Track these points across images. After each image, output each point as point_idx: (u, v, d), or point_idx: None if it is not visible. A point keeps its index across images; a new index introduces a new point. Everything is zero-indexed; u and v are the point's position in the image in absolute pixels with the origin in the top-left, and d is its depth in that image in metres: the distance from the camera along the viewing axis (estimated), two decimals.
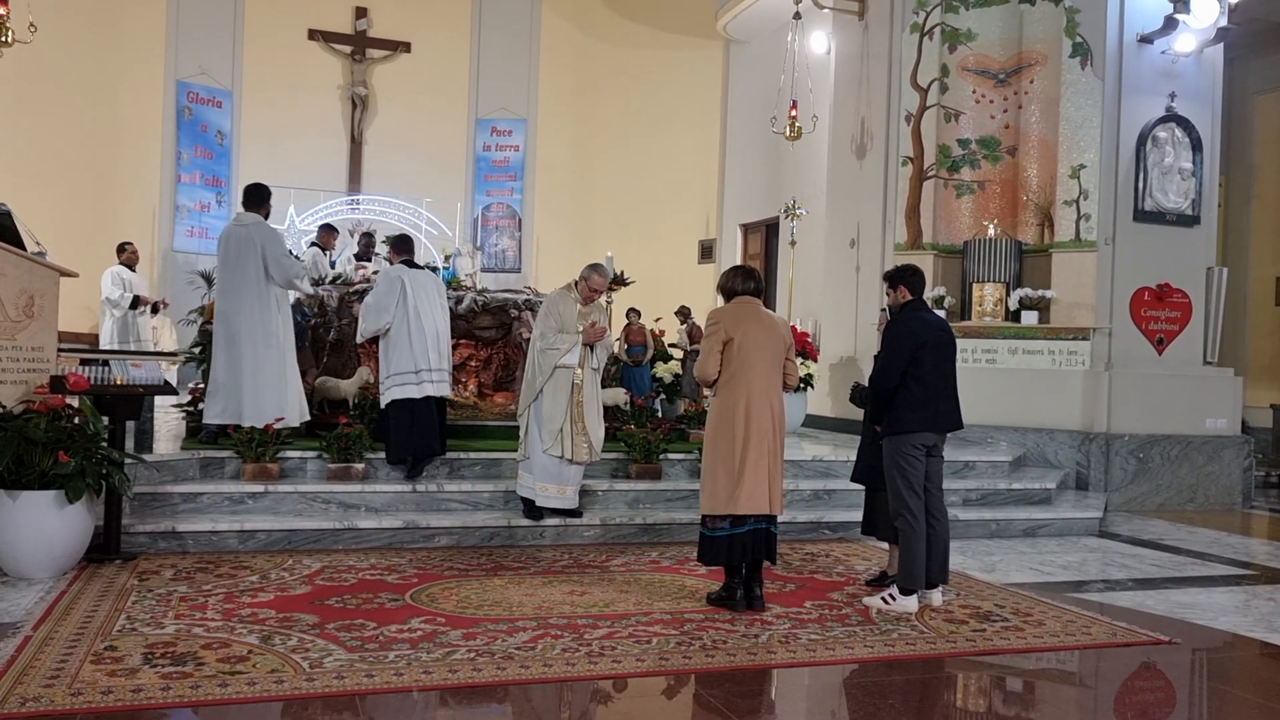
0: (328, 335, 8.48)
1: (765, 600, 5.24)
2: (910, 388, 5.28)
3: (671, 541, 6.89)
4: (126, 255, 11.30)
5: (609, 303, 9.84)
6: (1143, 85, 9.80)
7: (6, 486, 5.30)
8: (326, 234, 10.56)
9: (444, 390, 7.25)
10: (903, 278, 5.65)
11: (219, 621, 4.65)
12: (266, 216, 7.17)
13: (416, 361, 7.06)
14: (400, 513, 6.71)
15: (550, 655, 4.33)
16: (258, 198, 7.15)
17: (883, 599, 5.31)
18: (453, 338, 8.94)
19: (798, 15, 11.99)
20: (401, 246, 7.49)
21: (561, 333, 6.56)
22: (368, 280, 8.90)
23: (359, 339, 7.57)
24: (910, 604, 5.26)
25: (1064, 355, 9.72)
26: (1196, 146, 9.95)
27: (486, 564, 6.04)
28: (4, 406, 5.46)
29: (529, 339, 8.57)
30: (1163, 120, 9.82)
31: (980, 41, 10.42)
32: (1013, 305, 9.94)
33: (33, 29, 10.35)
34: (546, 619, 4.87)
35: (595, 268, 6.72)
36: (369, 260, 11.08)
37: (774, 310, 14.46)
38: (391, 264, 7.49)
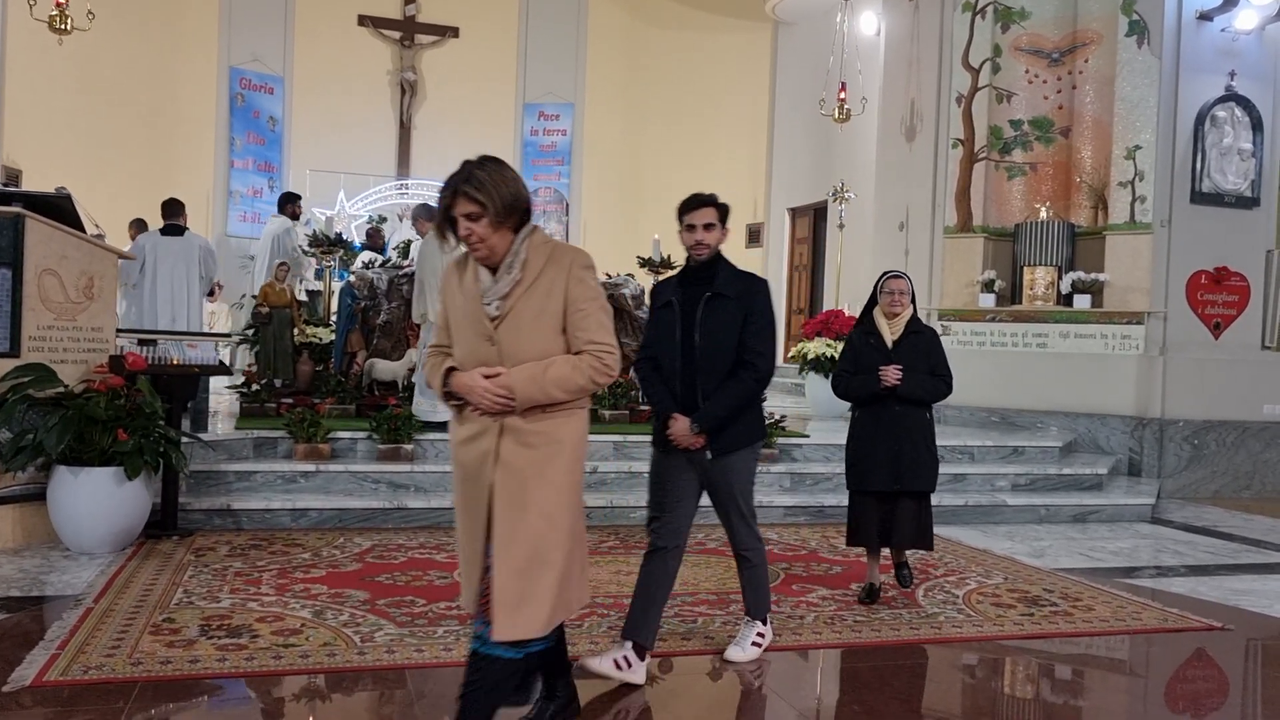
0: (376, 318, 8.58)
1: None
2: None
3: (717, 524, 6.87)
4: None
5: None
6: (1201, 64, 9.58)
7: (68, 463, 5.45)
8: (292, 204, 10.84)
9: None
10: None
11: (273, 596, 4.75)
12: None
13: None
14: (449, 493, 6.76)
15: (596, 633, 4.37)
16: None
17: (615, 663, 3.88)
18: None
19: None
20: (429, 214, 7.58)
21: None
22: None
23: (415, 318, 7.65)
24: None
25: (1117, 340, 9.56)
26: (1257, 126, 9.71)
27: None
28: (66, 386, 5.61)
29: None
30: (1222, 100, 9.59)
31: (1034, 20, 10.24)
32: (1065, 289, 9.79)
33: (91, 17, 10.56)
34: (593, 597, 4.90)
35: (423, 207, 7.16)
36: (382, 252, 11.28)
37: (823, 295, 14.44)
38: (424, 236, 7.56)
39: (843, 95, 12.24)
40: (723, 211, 4.01)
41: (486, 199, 2.79)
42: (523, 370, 2.80)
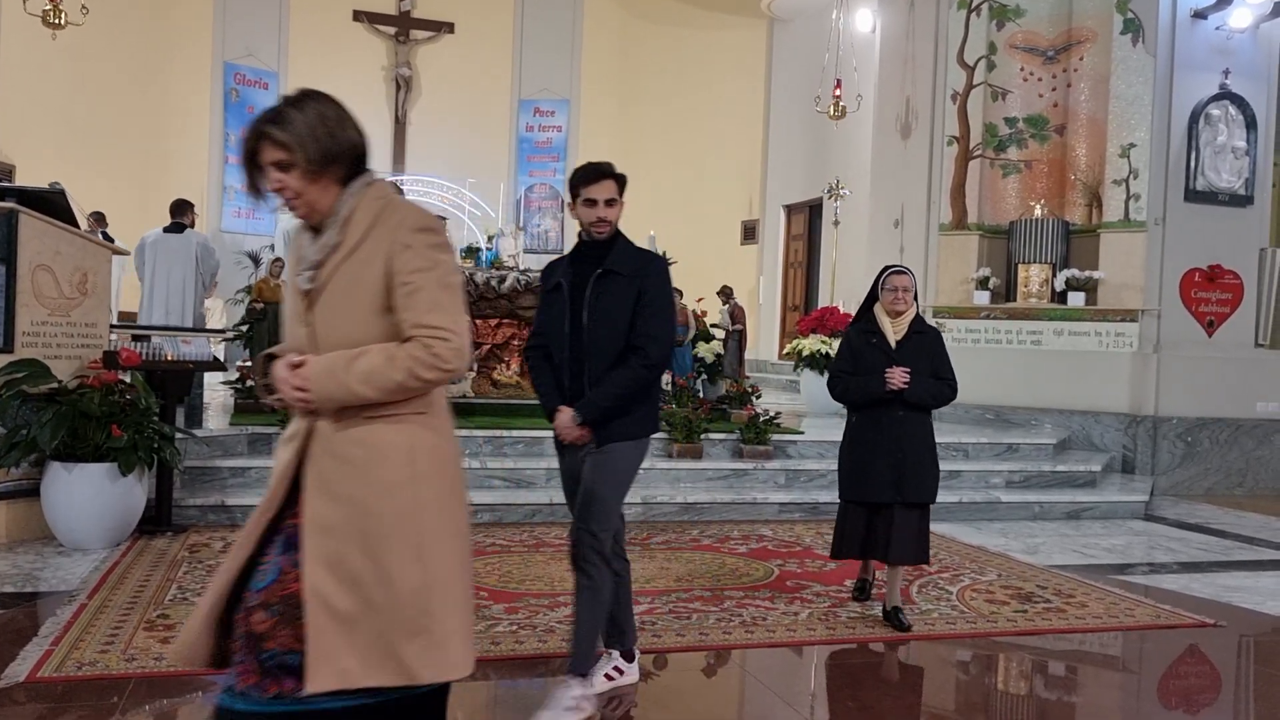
0: None
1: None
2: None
3: (712, 520, 6.91)
4: None
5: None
6: (1196, 62, 9.60)
7: (62, 459, 5.44)
8: None
9: None
10: None
11: None
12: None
13: None
14: None
15: None
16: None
17: (607, 675, 3.74)
18: (495, 317, 9.06)
19: None
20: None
21: None
22: None
23: None
24: (634, 670, 3.85)
25: (1111, 337, 9.59)
26: (1251, 125, 9.74)
27: (529, 540, 6.10)
28: (60, 381, 5.60)
29: None
30: (1216, 98, 9.62)
31: (1029, 18, 10.25)
32: (1059, 286, 9.81)
33: (84, 11, 10.53)
34: None
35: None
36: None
37: (818, 293, 14.46)
38: None
39: (838, 92, 12.25)
40: (621, 183, 3.55)
41: (296, 144, 2.21)
42: (322, 360, 2.22)
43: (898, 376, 4.56)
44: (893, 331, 4.68)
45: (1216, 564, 6.37)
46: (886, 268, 4.82)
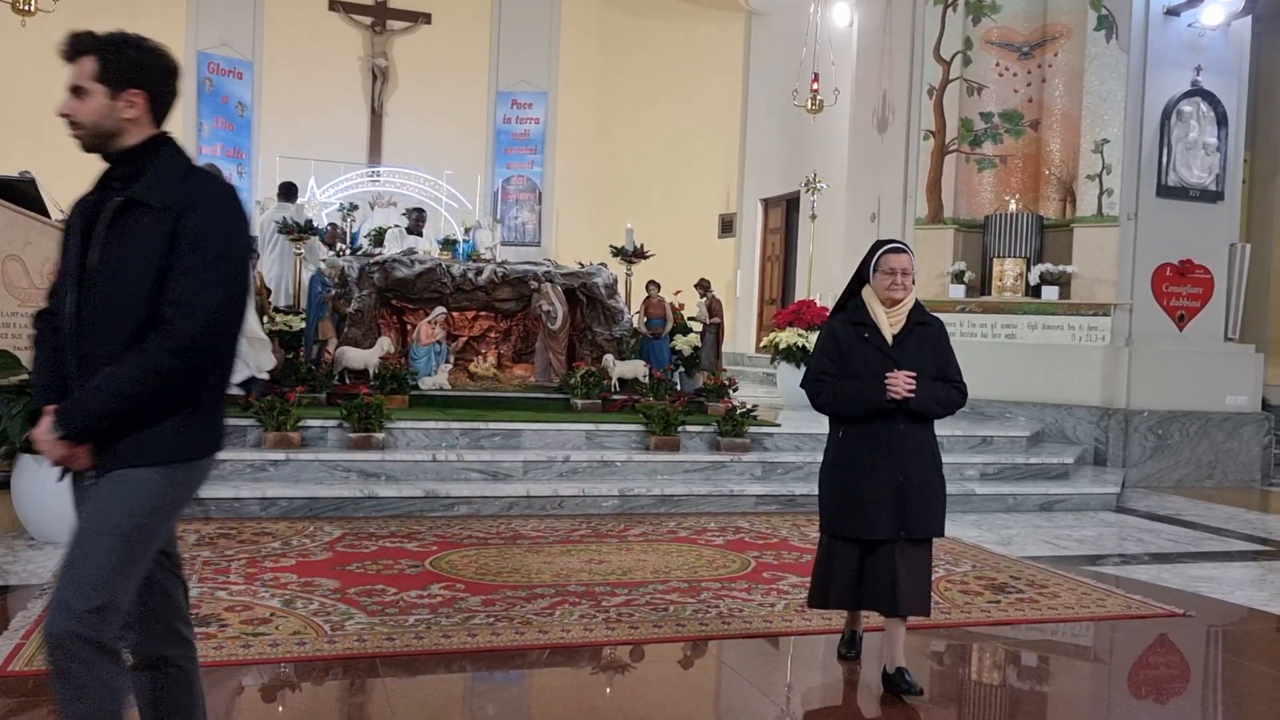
0: (347, 305, 8.53)
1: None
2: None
3: (689, 512, 6.93)
4: None
5: (628, 275, 9.85)
6: (1168, 59, 9.69)
7: (32, 452, 5.38)
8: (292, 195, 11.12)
9: None
10: None
11: (241, 585, 4.72)
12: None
13: None
14: (420, 482, 6.77)
15: (568, 621, 4.38)
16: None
17: None
18: (472, 309, 9.05)
19: None
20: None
21: None
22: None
23: None
24: None
25: (1084, 331, 9.67)
26: (1222, 121, 9.84)
27: (505, 532, 6.10)
28: (29, 372, 5.53)
29: (548, 311, 8.63)
30: (1188, 95, 9.72)
31: (1004, 14, 10.31)
32: (1033, 280, 9.89)
33: None
34: (565, 586, 4.92)
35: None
36: (421, 235, 11.42)
37: (795, 286, 14.49)
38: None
39: (815, 86, 12.28)
40: (102, 59, 2.49)
41: None
42: None
43: (902, 383, 3.64)
44: (889, 324, 3.77)
45: (1186, 555, 6.45)
46: (880, 244, 3.87)
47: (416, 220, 11.88)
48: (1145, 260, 9.64)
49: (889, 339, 3.76)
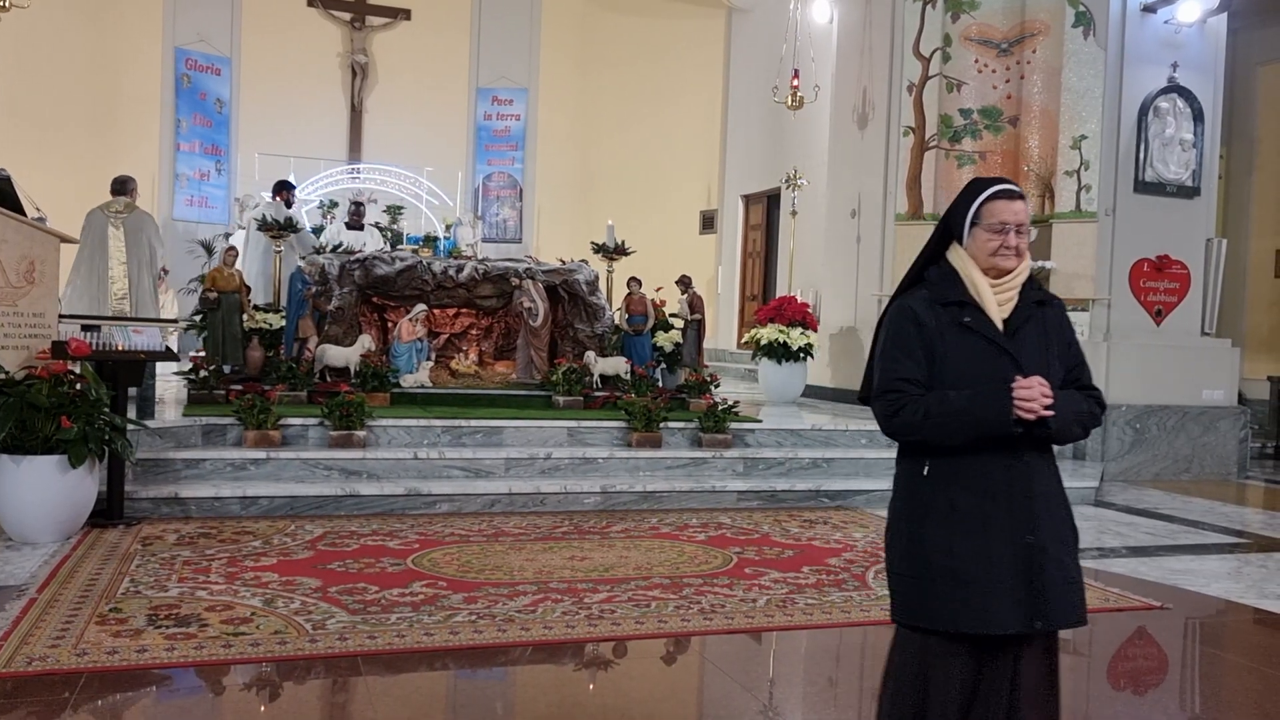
0: (328, 303, 8.49)
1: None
2: None
3: (671, 509, 6.94)
4: None
5: (610, 271, 9.84)
6: (1145, 55, 9.76)
7: (10, 451, 5.34)
8: (285, 192, 11.04)
9: None
10: None
11: (222, 585, 4.70)
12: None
13: None
14: (401, 479, 6.75)
15: (550, 618, 4.38)
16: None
17: None
18: (453, 307, 9.03)
19: None
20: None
21: None
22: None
23: None
24: None
25: None
26: (1198, 117, 9.91)
27: (487, 530, 6.09)
28: (6, 372, 5.49)
29: (529, 308, 8.62)
30: (1164, 91, 9.78)
31: (983, 11, 10.35)
32: None
33: None
34: (547, 583, 4.92)
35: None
36: (361, 229, 11.22)
37: (776, 282, 14.51)
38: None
39: (796, 83, 12.29)
40: None
41: None
42: None
43: (1037, 395, 2.36)
44: (997, 306, 2.48)
45: (1164, 548, 6.50)
46: (983, 183, 2.52)
47: (355, 214, 11.60)
48: (1123, 255, 9.71)
49: (999, 324, 2.47)
